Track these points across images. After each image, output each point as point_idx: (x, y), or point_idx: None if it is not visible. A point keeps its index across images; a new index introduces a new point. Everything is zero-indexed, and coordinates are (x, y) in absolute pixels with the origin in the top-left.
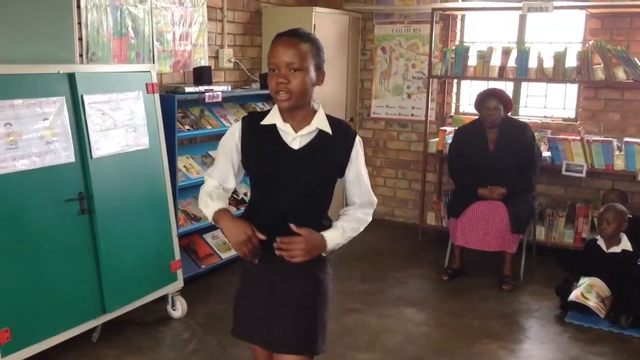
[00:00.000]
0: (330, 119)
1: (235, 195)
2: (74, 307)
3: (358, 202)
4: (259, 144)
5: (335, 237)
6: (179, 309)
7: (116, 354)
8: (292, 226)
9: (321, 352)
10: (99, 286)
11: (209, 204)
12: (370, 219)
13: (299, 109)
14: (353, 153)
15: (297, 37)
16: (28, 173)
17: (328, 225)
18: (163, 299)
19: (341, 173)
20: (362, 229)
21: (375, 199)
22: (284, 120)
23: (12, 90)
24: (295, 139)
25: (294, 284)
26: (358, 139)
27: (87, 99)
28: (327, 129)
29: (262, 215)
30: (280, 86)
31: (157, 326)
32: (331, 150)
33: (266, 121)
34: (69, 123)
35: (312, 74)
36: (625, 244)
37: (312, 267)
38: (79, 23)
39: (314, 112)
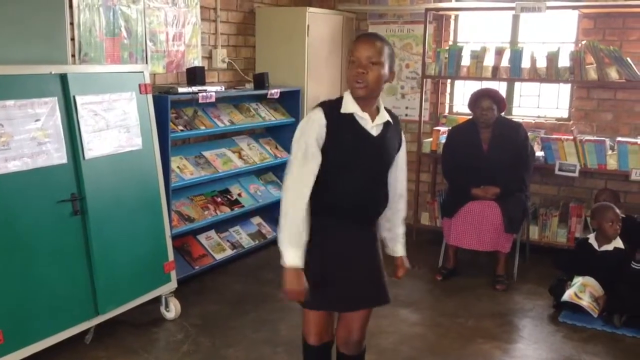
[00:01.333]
0: (388, 112)
1: (229, 196)
2: (67, 308)
3: (399, 190)
4: (343, 131)
5: (403, 247)
6: (172, 310)
7: (109, 356)
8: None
9: (390, 301)
10: (91, 287)
11: (295, 245)
12: (405, 204)
13: (371, 100)
14: (403, 138)
15: (378, 38)
16: (20, 174)
17: (388, 198)
18: (157, 300)
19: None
20: None
21: (405, 197)
22: (362, 110)
23: (3, 91)
24: (373, 127)
25: (362, 250)
26: (403, 133)
27: (80, 100)
28: (389, 119)
29: (340, 199)
30: (359, 76)
31: (150, 327)
32: (393, 137)
33: (345, 109)
34: (61, 124)
35: (386, 70)
36: (617, 242)
37: (373, 236)
38: (71, 23)
39: (378, 107)
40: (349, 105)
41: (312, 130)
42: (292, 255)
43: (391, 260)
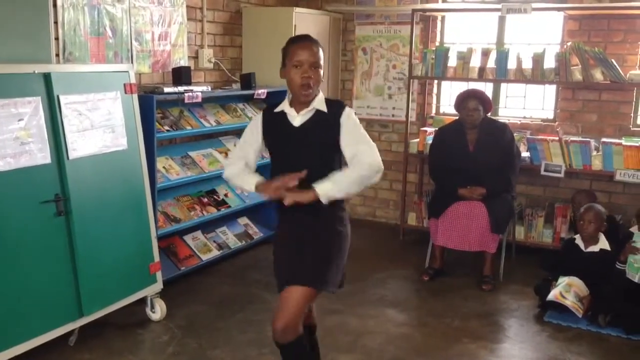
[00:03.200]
0: (328, 100)
1: (215, 197)
2: (51, 310)
3: (351, 154)
4: (273, 128)
5: (326, 186)
6: (158, 311)
7: (94, 358)
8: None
9: (330, 291)
10: (76, 289)
11: (246, 181)
12: (372, 173)
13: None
14: (342, 119)
15: (314, 42)
16: (3, 174)
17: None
18: (142, 301)
19: (337, 136)
20: (363, 181)
21: (377, 160)
22: (292, 106)
23: None
24: (297, 118)
25: (312, 234)
26: (347, 109)
27: (64, 99)
28: (324, 107)
29: None
30: (306, 79)
31: (136, 329)
32: (325, 123)
33: (278, 109)
34: (45, 124)
35: (322, 70)
36: (604, 244)
37: (328, 221)
38: (56, 22)
39: (315, 96)
40: (282, 105)
41: (250, 131)
42: (251, 181)
43: None
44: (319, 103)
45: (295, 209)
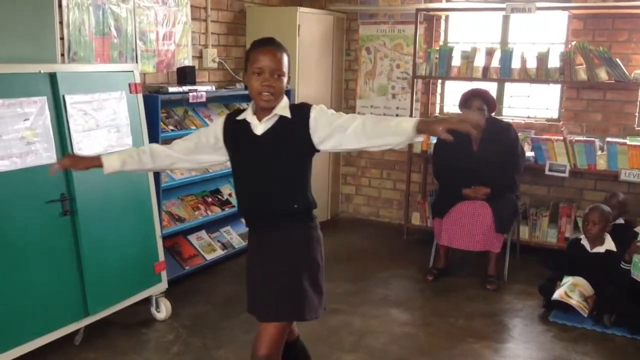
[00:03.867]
0: (293, 105)
1: (219, 196)
2: (56, 309)
3: (352, 128)
4: (235, 137)
5: (411, 120)
6: (163, 310)
7: (99, 357)
8: None
9: (310, 319)
10: (81, 288)
11: (117, 152)
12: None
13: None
14: (311, 121)
15: (279, 47)
16: (9, 174)
17: (307, 204)
18: (147, 300)
19: (310, 147)
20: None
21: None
22: (253, 113)
23: None
24: (259, 126)
25: (278, 255)
26: (314, 108)
27: (69, 99)
28: (287, 113)
29: (243, 199)
30: (265, 88)
31: (140, 328)
32: (290, 130)
33: (240, 117)
34: (51, 123)
35: (287, 78)
36: (609, 244)
37: (297, 243)
38: (61, 22)
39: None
40: (245, 113)
41: (210, 128)
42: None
43: None
44: (282, 109)
45: (263, 229)
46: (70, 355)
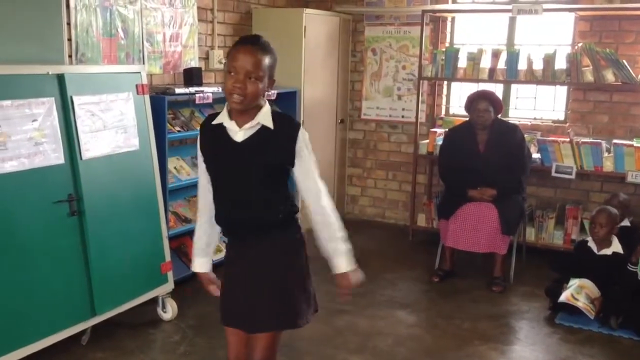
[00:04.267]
0: (276, 114)
1: None
2: (64, 309)
3: (314, 204)
4: (211, 142)
5: (343, 260)
6: (169, 311)
7: (106, 357)
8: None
9: (302, 325)
10: (88, 288)
11: (194, 255)
12: (332, 214)
13: (248, 110)
14: (297, 147)
15: (260, 47)
16: (17, 174)
17: (290, 212)
18: (153, 301)
19: (290, 164)
20: (338, 224)
21: (321, 190)
22: (231, 118)
23: (0, 91)
24: (238, 133)
25: (262, 266)
26: (302, 134)
27: (77, 100)
28: (269, 123)
29: (223, 208)
30: (236, 90)
31: (147, 328)
32: (273, 143)
33: (216, 121)
34: (59, 124)
35: (266, 82)
36: (616, 247)
37: (282, 251)
38: (68, 23)
39: (260, 108)
40: (220, 116)
41: (198, 154)
42: (195, 263)
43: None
44: (265, 117)
45: (245, 239)
46: (78, 355)
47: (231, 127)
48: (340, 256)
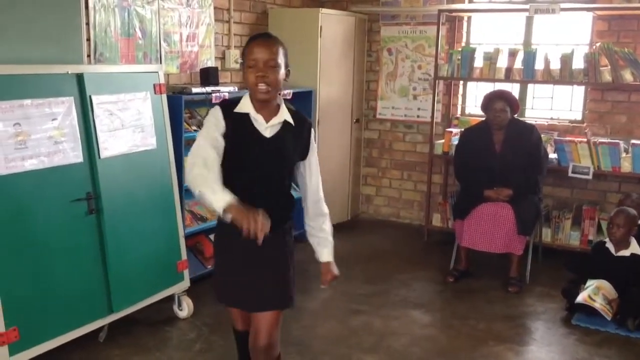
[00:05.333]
0: (290, 111)
1: None
2: (82, 306)
3: (313, 196)
4: (238, 130)
5: (330, 252)
6: (185, 308)
7: (123, 354)
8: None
9: (293, 305)
10: (106, 286)
11: (216, 193)
12: (325, 206)
13: (269, 102)
14: (311, 140)
15: (273, 39)
16: (36, 173)
17: (291, 200)
18: (170, 298)
19: (302, 158)
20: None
21: (320, 189)
22: (256, 111)
23: (21, 91)
24: (267, 128)
25: (267, 252)
26: (313, 132)
27: (96, 100)
28: (290, 120)
29: (243, 195)
30: (260, 79)
31: (163, 326)
32: (294, 138)
33: (241, 109)
34: (78, 123)
35: (283, 70)
36: (635, 248)
37: (280, 236)
38: (87, 24)
39: (278, 105)
40: (245, 106)
41: (214, 125)
42: (221, 197)
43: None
44: (286, 114)
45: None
46: (95, 352)
47: (259, 119)
48: (328, 247)
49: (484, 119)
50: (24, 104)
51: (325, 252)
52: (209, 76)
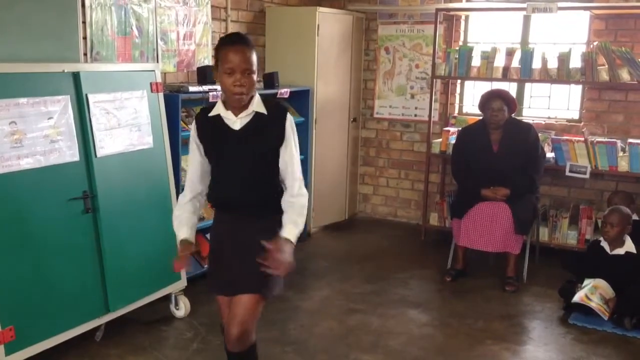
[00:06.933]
0: (267, 102)
1: None
2: (78, 305)
3: (293, 175)
4: (210, 132)
5: (293, 231)
6: (182, 308)
7: (119, 353)
8: (264, 243)
9: (277, 294)
10: (102, 285)
11: (178, 229)
12: (305, 200)
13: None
14: (287, 128)
15: (247, 45)
16: (32, 172)
17: (280, 191)
18: (166, 298)
19: (278, 144)
20: (304, 211)
21: (301, 181)
22: (227, 109)
23: (16, 89)
24: (236, 121)
25: (252, 238)
26: (289, 118)
27: (92, 98)
28: (263, 109)
29: (223, 188)
30: (238, 88)
31: (160, 325)
32: (267, 127)
33: (213, 113)
34: (74, 122)
35: (257, 73)
36: (629, 246)
37: (268, 225)
38: (84, 22)
39: (251, 98)
40: (217, 109)
41: (194, 143)
42: (178, 235)
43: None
44: (258, 105)
45: (237, 214)
46: (91, 352)
47: (228, 116)
48: (294, 227)
49: (481, 118)
50: (20, 103)
51: (285, 229)
52: (205, 75)
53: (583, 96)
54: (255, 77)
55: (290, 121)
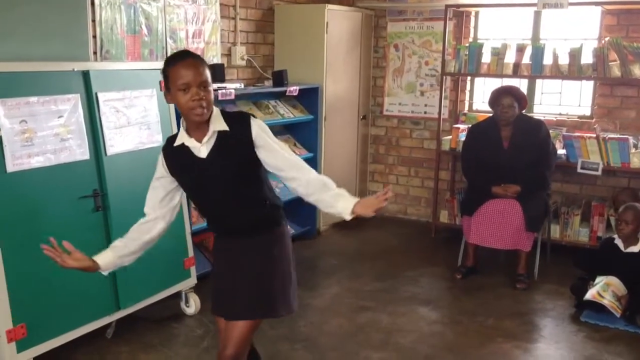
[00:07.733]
0: (226, 115)
1: None
2: (89, 303)
3: (295, 174)
4: (179, 164)
5: (345, 196)
6: (192, 305)
7: (130, 350)
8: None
9: (281, 315)
10: (113, 283)
11: (105, 250)
12: (320, 175)
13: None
14: (254, 136)
15: (198, 58)
16: (43, 170)
17: (274, 205)
18: (176, 295)
19: (255, 154)
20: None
21: (299, 161)
22: (190, 136)
23: (27, 88)
24: (201, 149)
25: (249, 259)
26: (254, 122)
27: (102, 97)
28: (224, 127)
29: (211, 218)
30: (196, 103)
31: (170, 323)
32: (234, 143)
33: (177, 142)
34: (84, 120)
35: (211, 92)
36: None
37: (265, 243)
38: (93, 21)
39: (208, 120)
40: (181, 137)
41: (157, 172)
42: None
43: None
44: (218, 123)
45: (235, 236)
46: (103, 349)
47: (193, 144)
48: (341, 199)
49: (491, 114)
50: (30, 101)
51: (340, 205)
52: (215, 73)
53: (595, 92)
54: (212, 91)
55: (256, 125)
